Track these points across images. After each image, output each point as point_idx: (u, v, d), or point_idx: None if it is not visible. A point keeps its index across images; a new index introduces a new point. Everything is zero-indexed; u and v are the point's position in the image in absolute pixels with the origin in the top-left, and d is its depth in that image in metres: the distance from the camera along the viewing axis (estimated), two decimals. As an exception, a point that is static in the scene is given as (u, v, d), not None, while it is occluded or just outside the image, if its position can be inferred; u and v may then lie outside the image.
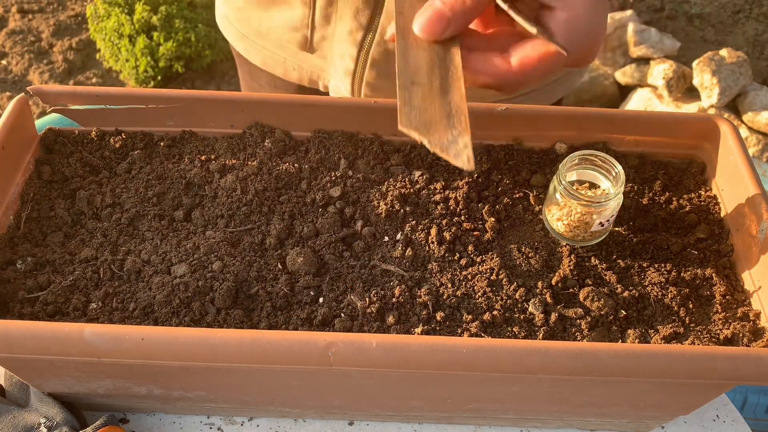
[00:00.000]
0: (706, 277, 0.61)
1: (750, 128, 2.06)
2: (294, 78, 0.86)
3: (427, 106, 0.48)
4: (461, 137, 0.46)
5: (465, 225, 0.63)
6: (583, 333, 0.56)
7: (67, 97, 0.67)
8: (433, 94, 0.49)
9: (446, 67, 0.50)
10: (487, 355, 0.49)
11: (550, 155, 0.70)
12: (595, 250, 0.62)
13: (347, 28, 0.75)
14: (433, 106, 0.48)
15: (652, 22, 2.42)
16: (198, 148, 0.69)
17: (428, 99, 0.48)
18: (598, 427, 0.65)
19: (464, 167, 0.45)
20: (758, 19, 2.47)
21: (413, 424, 0.65)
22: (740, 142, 0.65)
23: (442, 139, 0.46)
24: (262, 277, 0.58)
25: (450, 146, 0.46)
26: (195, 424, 0.64)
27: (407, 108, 0.48)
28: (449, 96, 0.49)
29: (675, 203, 0.66)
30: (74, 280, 0.57)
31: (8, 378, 0.62)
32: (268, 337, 0.49)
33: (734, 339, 0.56)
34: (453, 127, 0.47)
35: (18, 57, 2.44)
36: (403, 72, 0.49)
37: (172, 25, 2.27)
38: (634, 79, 2.20)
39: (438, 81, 0.49)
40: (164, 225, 0.62)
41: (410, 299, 0.57)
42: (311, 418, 0.65)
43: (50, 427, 0.58)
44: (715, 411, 0.67)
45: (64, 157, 0.67)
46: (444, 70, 0.50)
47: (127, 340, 0.49)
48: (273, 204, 0.64)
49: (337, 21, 0.76)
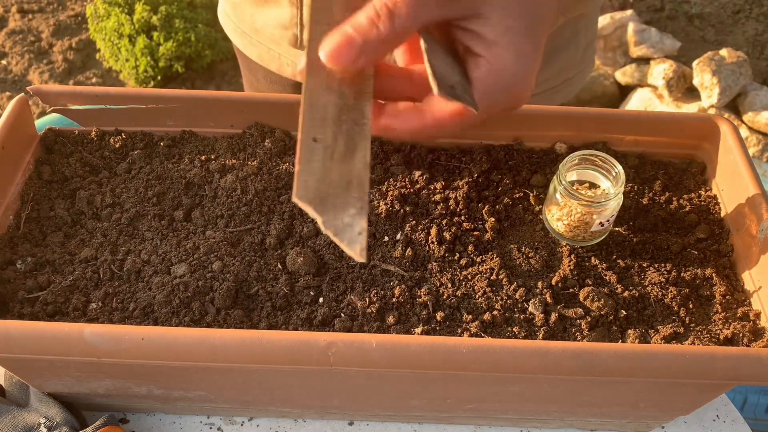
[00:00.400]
0: (706, 277, 0.61)
1: (750, 128, 2.06)
2: (288, 73, 0.86)
3: (327, 172, 0.42)
4: (358, 220, 0.40)
5: (465, 225, 0.63)
6: (583, 333, 0.56)
7: (67, 97, 0.67)
8: (336, 155, 0.42)
9: (355, 120, 0.44)
10: (487, 355, 0.49)
11: (550, 155, 0.70)
12: (595, 250, 0.62)
13: None
14: (333, 172, 0.42)
15: (652, 22, 2.42)
16: (198, 148, 0.69)
17: (329, 162, 0.42)
18: (598, 427, 0.65)
19: (356, 258, 0.39)
20: (758, 19, 2.47)
21: (413, 424, 0.65)
22: (740, 142, 0.65)
23: (337, 220, 0.40)
24: (262, 277, 0.58)
25: (344, 230, 0.40)
26: (195, 424, 0.64)
27: (304, 174, 0.41)
28: (353, 160, 0.42)
29: (675, 203, 0.66)
30: (74, 280, 0.57)
31: (8, 378, 0.62)
32: (268, 337, 0.49)
33: (734, 339, 0.56)
34: (351, 205, 0.41)
35: (18, 57, 2.44)
36: (308, 121, 0.43)
37: (172, 25, 2.27)
38: (634, 79, 2.20)
39: (344, 138, 0.43)
40: (164, 225, 0.62)
41: (410, 299, 0.57)
42: (311, 418, 0.65)
43: (50, 427, 0.58)
44: (715, 411, 0.67)
45: (64, 157, 0.67)
46: (352, 124, 0.44)
47: (127, 340, 0.49)
48: (273, 204, 0.64)
49: None
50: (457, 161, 0.69)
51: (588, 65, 0.90)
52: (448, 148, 0.70)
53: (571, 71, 0.86)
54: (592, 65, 0.91)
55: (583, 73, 0.90)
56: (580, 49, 0.85)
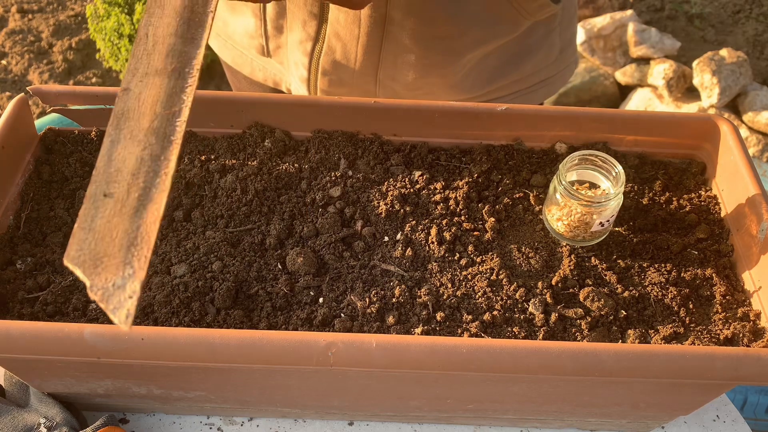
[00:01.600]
0: (706, 277, 0.61)
1: (750, 128, 2.06)
2: (259, 78, 0.88)
3: (110, 230, 0.39)
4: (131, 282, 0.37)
5: (465, 225, 0.63)
6: (583, 333, 0.56)
7: (67, 97, 0.67)
8: (125, 211, 0.39)
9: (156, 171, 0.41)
10: (487, 355, 0.49)
11: (550, 155, 0.70)
12: (595, 250, 0.62)
13: (297, 38, 0.77)
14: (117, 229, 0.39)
15: (652, 22, 2.42)
16: (198, 148, 0.69)
17: (115, 219, 0.39)
18: (598, 427, 0.65)
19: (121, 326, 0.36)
20: (758, 19, 2.47)
21: (413, 424, 0.65)
22: (740, 142, 0.65)
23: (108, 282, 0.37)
24: (262, 277, 0.58)
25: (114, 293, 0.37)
26: (195, 424, 0.64)
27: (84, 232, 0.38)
28: (143, 216, 0.39)
29: (675, 203, 0.66)
30: (74, 280, 0.57)
31: (8, 378, 0.62)
32: (268, 337, 0.49)
33: (734, 339, 0.56)
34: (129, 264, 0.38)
35: (18, 57, 2.44)
36: (101, 175, 0.40)
37: (172, 25, 2.26)
38: (634, 79, 2.20)
39: (138, 192, 0.40)
40: (164, 225, 0.62)
41: (410, 299, 0.57)
42: (311, 418, 0.65)
43: (50, 427, 0.58)
44: (715, 411, 0.67)
45: (63, 157, 0.67)
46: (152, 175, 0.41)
47: (127, 340, 0.49)
48: (273, 204, 0.64)
49: (288, 31, 0.78)
50: (457, 161, 0.69)
51: (569, 65, 0.88)
52: (448, 148, 0.70)
53: (546, 72, 0.85)
54: (575, 65, 0.90)
55: (563, 74, 0.89)
56: (554, 50, 0.84)
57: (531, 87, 0.85)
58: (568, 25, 0.85)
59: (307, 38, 0.76)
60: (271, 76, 0.86)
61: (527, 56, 0.81)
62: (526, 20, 0.76)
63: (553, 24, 0.81)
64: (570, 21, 0.85)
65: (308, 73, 0.79)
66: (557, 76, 0.87)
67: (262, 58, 0.85)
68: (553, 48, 0.83)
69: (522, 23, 0.76)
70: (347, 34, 0.74)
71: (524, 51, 0.81)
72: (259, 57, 0.85)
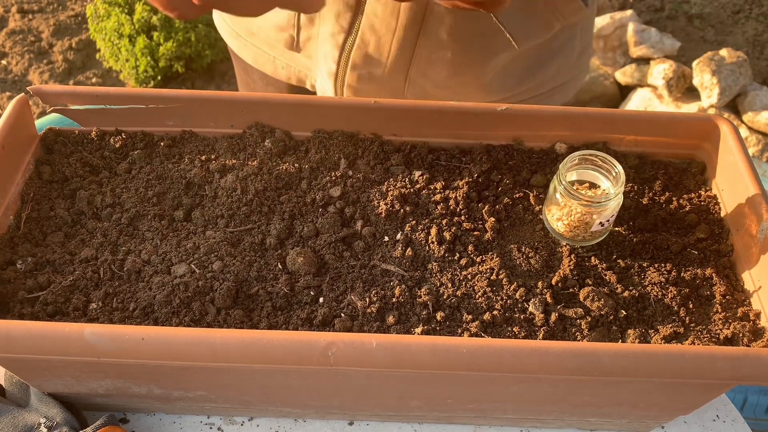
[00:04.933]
0: (706, 277, 0.61)
1: (750, 128, 2.06)
2: (282, 76, 0.87)
3: None
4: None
5: (465, 225, 0.63)
6: (583, 333, 0.56)
7: (67, 97, 0.67)
8: None
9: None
10: (487, 355, 0.49)
11: (550, 155, 0.70)
12: (595, 250, 0.62)
13: (330, 30, 0.76)
14: None
15: (652, 22, 2.42)
16: (198, 148, 0.69)
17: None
18: (598, 427, 0.65)
19: None
20: (758, 19, 2.47)
21: (413, 424, 0.65)
22: (740, 142, 0.65)
23: None
24: (262, 277, 0.58)
25: None
26: (195, 424, 0.64)
27: None
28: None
29: (675, 203, 0.66)
30: (74, 280, 0.57)
31: (8, 378, 0.62)
32: (268, 337, 0.49)
33: (734, 339, 0.56)
34: None
35: (18, 57, 2.44)
36: None
37: (172, 25, 2.27)
38: (634, 79, 2.20)
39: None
40: (164, 225, 0.62)
41: (410, 299, 0.57)
42: (311, 418, 0.65)
43: (50, 427, 0.58)
44: (715, 411, 0.67)
45: (64, 157, 0.67)
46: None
47: (127, 340, 0.49)
48: (273, 204, 0.64)
49: (321, 23, 0.77)
50: (457, 161, 0.69)
51: (582, 71, 0.89)
52: (448, 148, 0.70)
53: (565, 76, 0.86)
54: (587, 71, 0.91)
55: (577, 79, 0.90)
56: (574, 54, 0.85)
57: (550, 91, 0.86)
58: (587, 30, 0.86)
59: (339, 30, 0.75)
60: (296, 73, 0.85)
61: (551, 60, 0.82)
62: (558, 23, 0.77)
63: (576, 29, 0.82)
64: (589, 26, 0.86)
65: (337, 67, 0.78)
66: (572, 80, 0.88)
67: (288, 54, 0.83)
68: (573, 52, 0.84)
69: (554, 26, 0.77)
70: (383, 26, 0.73)
71: (549, 54, 0.81)
72: (284, 53, 0.84)
